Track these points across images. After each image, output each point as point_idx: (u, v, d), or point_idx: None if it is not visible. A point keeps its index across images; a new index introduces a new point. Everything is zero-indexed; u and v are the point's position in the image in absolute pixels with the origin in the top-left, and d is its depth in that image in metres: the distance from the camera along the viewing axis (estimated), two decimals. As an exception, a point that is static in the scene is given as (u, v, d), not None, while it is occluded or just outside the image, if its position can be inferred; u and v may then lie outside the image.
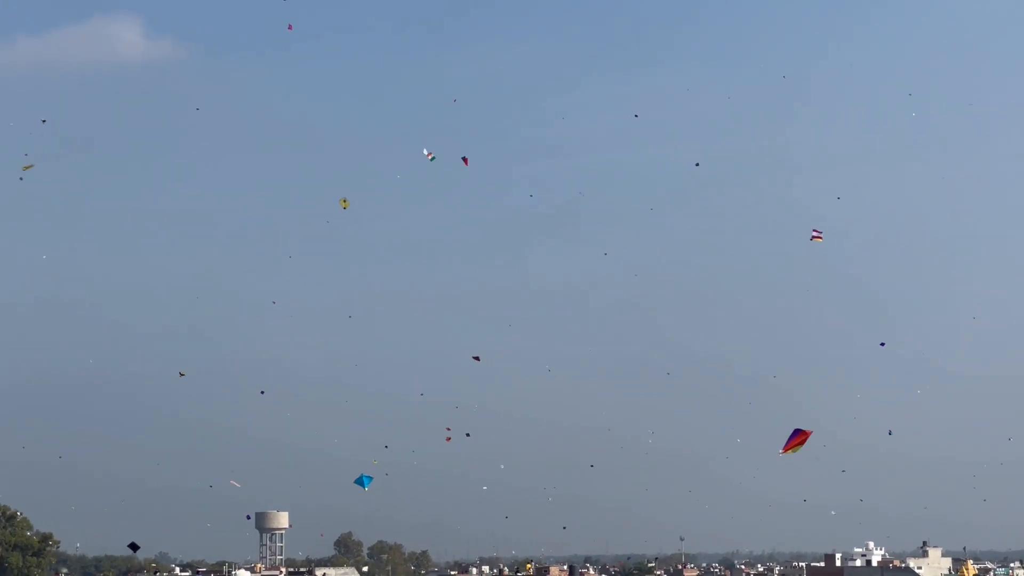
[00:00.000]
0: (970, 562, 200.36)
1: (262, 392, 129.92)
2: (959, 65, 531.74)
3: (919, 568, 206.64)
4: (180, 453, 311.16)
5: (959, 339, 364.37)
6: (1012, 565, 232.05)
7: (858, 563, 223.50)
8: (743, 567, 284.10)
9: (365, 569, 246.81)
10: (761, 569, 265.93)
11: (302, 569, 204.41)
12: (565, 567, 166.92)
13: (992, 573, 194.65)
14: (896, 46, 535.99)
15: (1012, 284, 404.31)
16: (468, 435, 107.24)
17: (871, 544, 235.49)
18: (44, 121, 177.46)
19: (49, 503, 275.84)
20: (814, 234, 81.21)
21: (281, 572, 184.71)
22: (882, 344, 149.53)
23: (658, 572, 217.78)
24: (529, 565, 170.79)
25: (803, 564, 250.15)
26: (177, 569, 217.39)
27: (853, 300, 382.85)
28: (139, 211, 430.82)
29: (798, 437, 46.86)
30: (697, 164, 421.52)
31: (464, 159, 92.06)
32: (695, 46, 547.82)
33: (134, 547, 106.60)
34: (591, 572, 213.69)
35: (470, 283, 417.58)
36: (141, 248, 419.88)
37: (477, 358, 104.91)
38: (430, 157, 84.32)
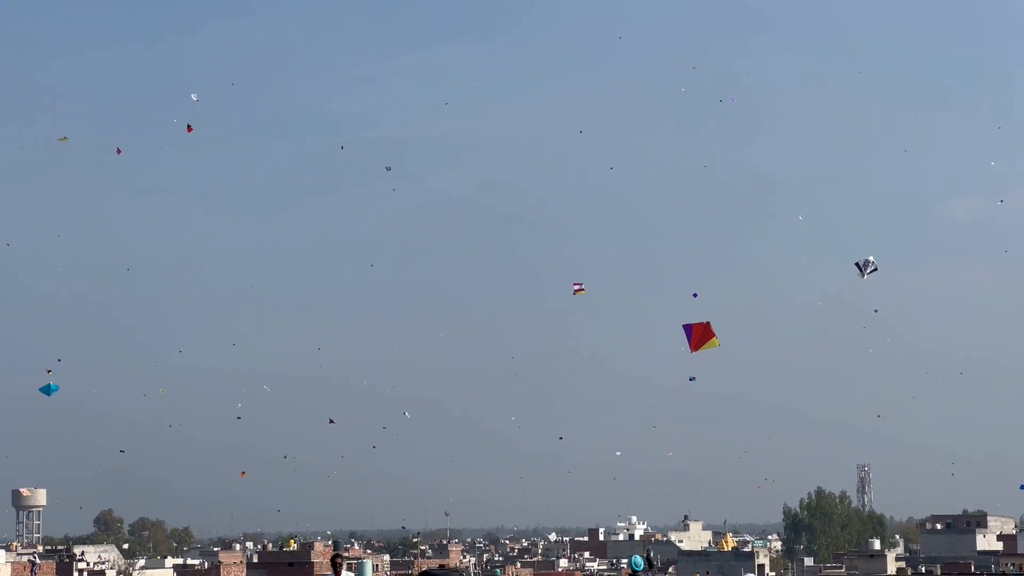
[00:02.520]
0: (729, 535, 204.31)
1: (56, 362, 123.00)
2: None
3: (680, 541, 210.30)
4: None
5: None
6: (769, 537, 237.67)
7: (621, 537, 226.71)
8: (508, 542, 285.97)
9: (126, 546, 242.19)
10: (526, 544, 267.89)
11: (60, 547, 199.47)
12: (330, 542, 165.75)
13: (751, 545, 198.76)
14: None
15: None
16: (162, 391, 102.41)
17: (634, 518, 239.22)
18: None
19: None
20: (575, 287, 79.58)
21: (38, 550, 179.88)
22: (695, 295, 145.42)
23: (423, 547, 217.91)
24: (292, 541, 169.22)
25: (567, 539, 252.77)
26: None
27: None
28: None
29: (698, 331, 42.74)
30: None
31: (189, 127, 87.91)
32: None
33: None
34: (356, 547, 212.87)
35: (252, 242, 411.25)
36: None
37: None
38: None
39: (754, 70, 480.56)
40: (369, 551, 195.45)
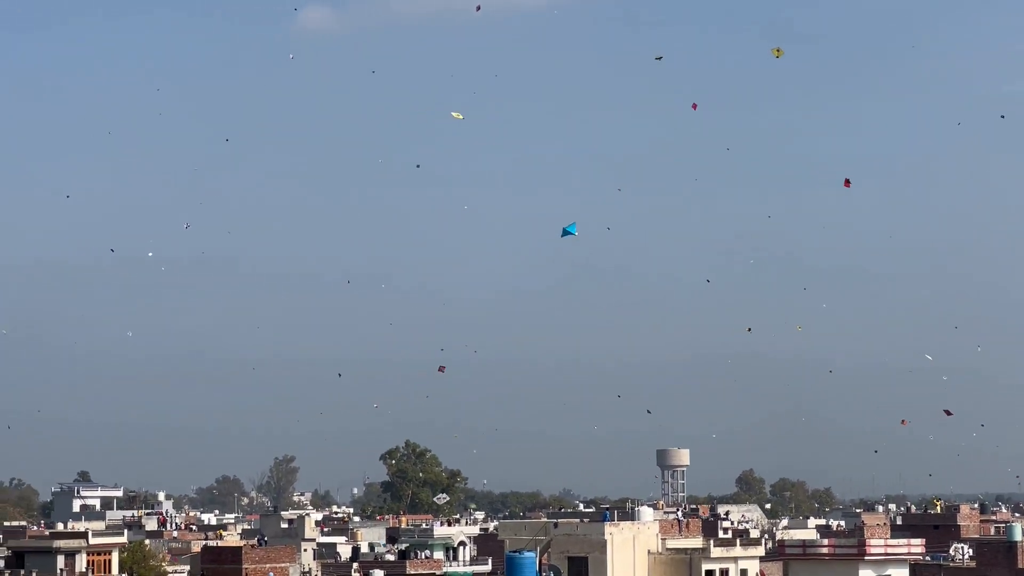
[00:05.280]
0: None
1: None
2: None
3: None
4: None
5: None
6: None
7: None
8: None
9: (768, 506, 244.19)
10: None
11: (704, 506, 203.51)
12: (976, 505, 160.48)
13: None
14: None
15: None
16: None
17: None
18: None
19: (456, 442, 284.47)
20: None
21: (683, 508, 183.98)
22: None
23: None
24: (938, 502, 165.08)
25: None
26: (580, 505, 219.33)
27: None
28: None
29: None
30: None
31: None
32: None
33: None
34: (1004, 510, 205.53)
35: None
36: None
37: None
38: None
39: None
40: (1018, 515, 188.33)
